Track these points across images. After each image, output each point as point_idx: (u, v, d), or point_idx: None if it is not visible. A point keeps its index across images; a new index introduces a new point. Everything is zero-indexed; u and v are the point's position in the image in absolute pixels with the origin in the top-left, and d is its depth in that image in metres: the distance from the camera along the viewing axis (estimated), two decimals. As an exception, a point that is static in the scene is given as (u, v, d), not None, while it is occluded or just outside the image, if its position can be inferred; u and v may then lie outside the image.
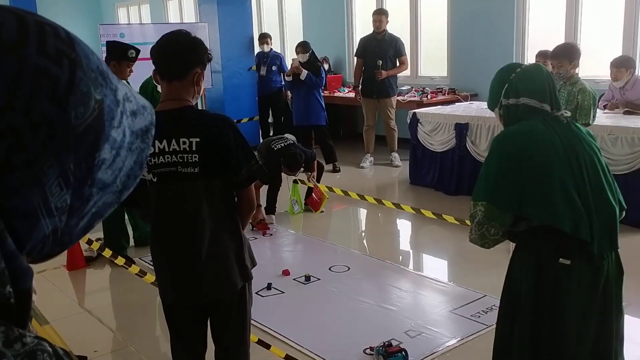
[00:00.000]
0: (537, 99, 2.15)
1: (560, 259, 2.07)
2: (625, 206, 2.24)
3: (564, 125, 2.13)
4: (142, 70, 5.35)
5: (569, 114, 2.19)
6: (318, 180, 6.05)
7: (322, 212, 6.08)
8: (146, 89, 5.30)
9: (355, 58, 7.91)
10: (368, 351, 3.32)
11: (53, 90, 0.54)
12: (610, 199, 2.10)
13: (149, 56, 2.33)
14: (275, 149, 5.62)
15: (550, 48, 4.84)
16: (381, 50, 7.50)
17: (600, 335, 2.17)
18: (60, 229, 0.58)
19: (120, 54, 4.63)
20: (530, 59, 7.33)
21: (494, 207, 2.08)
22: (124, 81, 4.66)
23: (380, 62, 7.38)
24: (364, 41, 7.70)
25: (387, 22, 7.58)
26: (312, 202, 6.11)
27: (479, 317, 3.73)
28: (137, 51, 4.68)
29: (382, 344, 3.27)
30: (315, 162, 6.04)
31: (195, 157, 2.22)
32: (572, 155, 2.07)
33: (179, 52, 2.25)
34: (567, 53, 4.46)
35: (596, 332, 2.15)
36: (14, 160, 0.52)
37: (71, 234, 0.60)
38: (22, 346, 0.50)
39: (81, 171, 0.57)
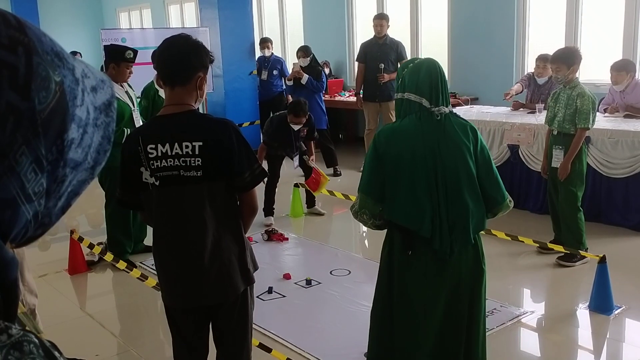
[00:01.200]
0: (418, 94, 2.27)
1: (406, 251, 2.29)
2: (501, 200, 2.38)
3: (435, 123, 2.26)
4: (144, 75, 5.37)
5: (446, 110, 2.30)
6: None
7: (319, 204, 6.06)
8: (148, 93, 5.31)
9: (357, 63, 7.91)
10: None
11: (13, 80, 0.54)
12: (466, 198, 2.23)
13: (150, 61, 2.34)
14: (279, 113, 5.89)
15: (551, 52, 4.85)
16: (383, 55, 7.52)
17: (448, 323, 2.34)
18: (40, 212, 0.59)
19: (118, 56, 4.65)
20: (530, 62, 7.34)
21: (367, 197, 2.31)
22: (126, 83, 4.75)
23: (382, 65, 7.39)
24: (365, 46, 7.72)
25: (388, 26, 7.60)
26: (310, 182, 5.84)
27: (480, 320, 3.73)
28: (135, 52, 4.69)
29: None
30: (313, 144, 6.08)
31: (198, 160, 2.24)
32: (431, 156, 2.23)
33: (181, 59, 2.26)
34: (566, 57, 4.47)
35: (445, 320, 2.33)
36: None
37: (50, 215, 0.61)
38: (7, 337, 0.51)
39: (53, 154, 0.58)
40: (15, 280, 0.55)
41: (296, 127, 5.60)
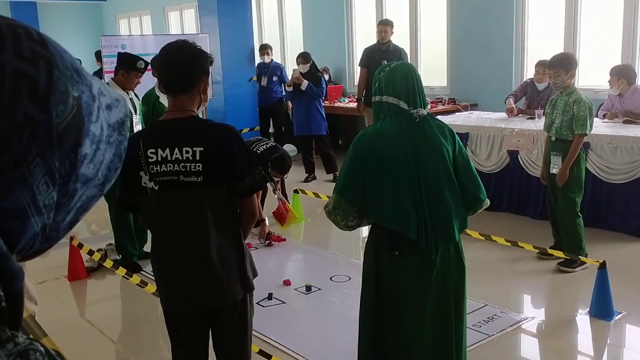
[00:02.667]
0: (395, 96, 2.32)
1: (393, 251, 2.32)
2: (483, 198, 2.42)
3: (415, 125, 2.31)
4: (145, 81, 5.38)
5: (424, 112, 2.34)
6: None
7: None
8: (148, 99, 5.33)
9: (359, 68, 7.92)
10: None
11: (33, 92, 0.55)
12: (448, 199, 2.28)
13: (150, 67, 2.35)
14: (260, 151, 5.40)
15: (550, 58, 4.85)
16: (386, 60, 7.54)
17: (439, 319, 2.39)
18: (49, 226, 0.59)
19: (130, 64, 4.75)
20: (529, 68, 7.36)
21: (341, 199, 2.32)
22: (132, 92, 4.83)
23: (385, 62, 7.38)
24: (368, 51, 7.73)
25: (392, 33, 7.62)
26: (277, 215, 5.70)
27: (480, 326, 3.73)
28: (147, 63, 4.77)
29: None
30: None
31: (198, 166, 2.24)
32: (413, 159, 2.27)
33: (182, 69, 2.26)
34: (564, 63, 4.48)
35: (435, 316, 2.38)
36: (1, 162, 0.53)
37: (58, 229, 0.62)
38: (14, 346, 0.51)
39: (65, 168, 0.58)
40: (20, 291, 0.56)
41: (276, 179, 5.56)
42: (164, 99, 5.14)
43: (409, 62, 8.12)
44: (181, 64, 2.27)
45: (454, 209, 2.32)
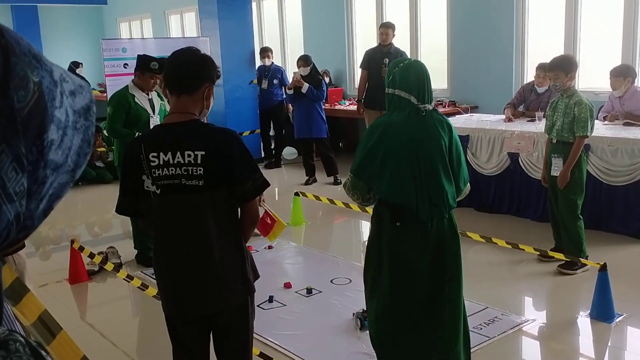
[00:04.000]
0: (407, 91, 2.63)
1: (394, 223, 2.67)
2: (462, 188, 2.77)
3: (421, 118, 2.64)
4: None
5: (430, 107, 2.67)
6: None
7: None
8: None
9: (360, 70, 7.93)
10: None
11: None
12: (442, 180, 2.64)
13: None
14: None
15: (550, 60, 4.86)
16: (387, 64, 7.54)
17: (434, 282, 2.71)
18: (22, 214, 0.60)
19: (144, 66, 4.87)
20: (530, 70, 7.37)
21: (359, 180, 2.68)
22: (153, 92, 4.86)
23: (387, 60, 7.39)
24: (370, 53, 7.74)
25: (394, 35, 7.63)
26: (260, 226, 5.74)
27: (481, 329, 3.73)
28: (161, 64, 4.84)
29: (361, 310, 3.54)
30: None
31: (200, 170, 2.24)
32: (416, 147, 2.61)
33: (189, 67, 2.30)
34: (563, 65, 4.49)
35: (430, 281, 2.70)
36: None
37: (33, 217, 0.62)
38: None
39: (33, 154, 0.59)
40: (0, 284, 0.56)
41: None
42: (164, 102, 5.18)
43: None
44: (189, 63, 2.31)
45: (447, 188, 2.66)
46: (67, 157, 0.63)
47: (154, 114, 4.99)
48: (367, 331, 3.06)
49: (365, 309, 3.40)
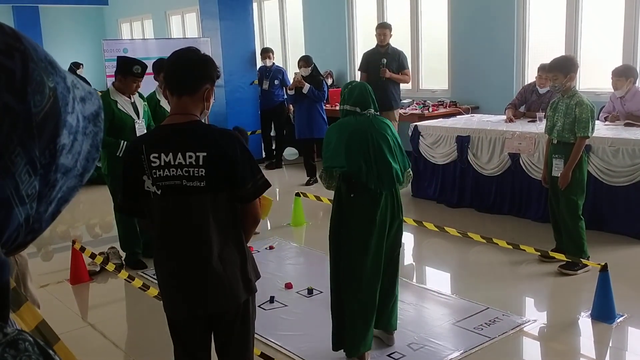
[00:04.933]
0: (352, 105, 3.36)
1: (349, 194, 3.29)
2: (408, 167, 3.44)
3: (367, 119, 3.32)
4: (146, 85, 5.39)
5: (372, 112, 3.35)
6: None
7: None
8: (149, 103, 5.33)
9: (359, 72, 7.93)
10: None
11: (10, 82, 0.57)
12: (388, 159, 3.26)
13: (152, 71, 2.37)
14: None
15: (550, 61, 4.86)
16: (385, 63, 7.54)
17: (380, 247, 3.33)
18: (32, 217, 0.61)
19: (126, 70, 4.72)
20: (531, 71, 7.37)
21: (333, 169, 3.31)
22: (135, 95, 4.80)
23: (385, 60, 7.39)
24: (368, 55, 7.73)
25: (391, 35, 7.63)
26: None
27: (482, 329, 3.73)
28: (144, 67, 4.74)
29: None
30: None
31: (201, 171, 2.25)
32: (363, 132, 3.27)
33: (189, 68, 2.30)
34: (562, 66, 4.49)
35: (377, 245, 3.31)
36: None
37: (41, 220, 0.63)
38: (3, 336, 0.52)
39: (46, 157, 0.60)
40: (7, 282, 0.57)
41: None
42: (165, 104, 5.15)
43: (410, 64, 8.15)
44: (190, 64, 2.31)
45: (393, 164, 3.27)
46: (76, 162, 0.65)
47: (138, 118, 4.85)
48: None
49: None
